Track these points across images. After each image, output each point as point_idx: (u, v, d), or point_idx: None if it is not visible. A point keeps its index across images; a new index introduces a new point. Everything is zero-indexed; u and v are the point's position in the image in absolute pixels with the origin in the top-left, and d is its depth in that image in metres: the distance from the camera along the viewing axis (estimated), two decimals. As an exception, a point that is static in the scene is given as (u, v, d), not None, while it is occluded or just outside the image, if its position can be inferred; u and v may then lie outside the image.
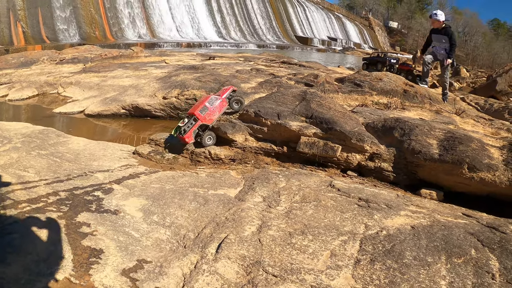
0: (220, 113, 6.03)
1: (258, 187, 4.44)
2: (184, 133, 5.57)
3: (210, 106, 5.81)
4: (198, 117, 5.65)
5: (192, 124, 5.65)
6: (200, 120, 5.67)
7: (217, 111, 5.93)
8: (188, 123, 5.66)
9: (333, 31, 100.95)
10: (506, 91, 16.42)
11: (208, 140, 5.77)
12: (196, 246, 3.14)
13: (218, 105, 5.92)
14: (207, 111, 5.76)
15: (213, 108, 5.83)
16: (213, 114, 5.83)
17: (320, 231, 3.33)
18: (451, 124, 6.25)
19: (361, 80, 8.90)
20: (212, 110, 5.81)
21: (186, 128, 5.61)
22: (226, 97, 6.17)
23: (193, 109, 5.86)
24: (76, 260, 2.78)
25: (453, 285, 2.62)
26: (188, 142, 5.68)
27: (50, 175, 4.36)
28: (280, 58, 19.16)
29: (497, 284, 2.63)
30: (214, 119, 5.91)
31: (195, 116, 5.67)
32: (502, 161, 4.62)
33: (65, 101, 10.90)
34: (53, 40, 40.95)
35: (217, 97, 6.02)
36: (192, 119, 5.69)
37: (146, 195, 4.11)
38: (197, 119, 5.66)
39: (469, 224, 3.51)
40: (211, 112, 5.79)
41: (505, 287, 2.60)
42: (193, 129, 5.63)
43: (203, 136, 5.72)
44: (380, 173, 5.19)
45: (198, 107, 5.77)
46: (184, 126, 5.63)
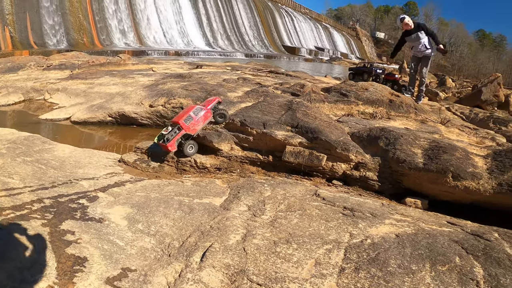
0: (204, 124, 5.99)
1: (243, 196, 4.45)
2: (167, 141, 5.53)
3: (195, 116, 5.78)
4: (182, 126, 5.62)
5: (175, 132, 5.61)
6: (184, 130, 5.63)
7: (201, 122, 5.90)
8: (172, 131, 5.62)
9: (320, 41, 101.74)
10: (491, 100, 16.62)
11: (189, 149, 5.72)
12: (180, 254, 3.13)
13: (202, 115, 5.89)
14: (192, 120, 5.73)
15: (197, 118, 5.80)
16: (197, 124, 5.81)
17: (304, 240, 3.33)
18: (436, 134, 6.31)
19: (347, 90, 8.98)
20: (197, 120, 5.79)
21: (169, 137, 5.57)
22: (211, 108, 6.14)
23: (178, 117, 5.82)
24: (60, 268, 2.75)
25: (437, 293, 2.64)
26: (170, 151, 5.64)
27: (35, 182, 4.32)
28: (267, 67, 19.24)
29: (481, 291, 2.65)
30: (198, 129, 5.88)
31: (179, 125, 5.63)
32: (486, 169, 4.66)
33: (52, 107, 10.85)
34: (41, 45, 40.75)
35: (202, 108, 5.99)
36: (176, 127, 5.65)
37: (131, 203, 4.09)
38: (181, 128, 5.62)
39: (453, 232, 3.54)
40: (195, 122, 5.76)
41: (489, 294, 2.62)
42: (177, 138, 5.59)
43: (185, 145, 5.68)
44: (365, 182, 5.22)
45: (182, 116, 5.74)
46: (167, 135, 5.60)
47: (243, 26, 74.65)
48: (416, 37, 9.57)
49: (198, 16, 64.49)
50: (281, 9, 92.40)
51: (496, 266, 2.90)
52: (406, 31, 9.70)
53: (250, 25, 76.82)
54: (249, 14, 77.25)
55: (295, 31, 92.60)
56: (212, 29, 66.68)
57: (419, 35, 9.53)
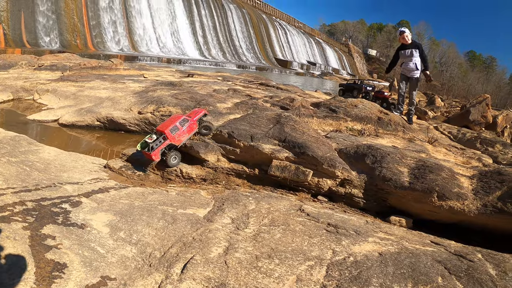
0: (189, 135, 5.97)
1: (227, 208, 4.43)
2: (151, 150, 5.47)
3: (181, 127, 5.75)
4: (167, 136, 5.58)
5: (160, 142, 5.57)
6: (169, 140, 5.59)
7: (187, 133, 5.88)
8: (157, 140, 5.57)
9: (312, 56, 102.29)
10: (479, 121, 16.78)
11: (173, 159, 5.68)
12: (161, 265, 3.10)
13: (188, 126, 5.87)
14: (178, 131, 5.70)
15: (183, 129, 5.78)
16: (183, 136, 5.79)
17: (287, 255, 3.32)
18: (423, 153, 6.34)
19: (337, 106, 9.00)
20: (182, 131, 5.76)
21: (154, 146, 5.51)
22: (196, 120, 6.12)
23: (163, 126, 5.76)
24: (39, 273, 2.71)
25: (418, 313, 2.63)
26: (154, 160, 5.58)
27: (19, 183, 4.27)
28: (258, 79, 19.30)
29: (462, 312, 2.65)
30: (183, 141, 5.84)
31: (165, 135, 5.59)
32: (471, 190, 4.70)
33: (40, 108, 10.79)
34: (33, 45, 40.51)
35: (188, 119, 5.96)
36: (162, 137, 5.61)
37: (115, 210, 4.06)
38: (166, 138, 5.59)
39: (436, 251, 3.55)
40: (181, 133, 5.74)
41: (469, 315, 2.62)
42: (161, 147, 5.55)
43: (169, 156, 5.63)
44: (351, 199, 5.23)
45: (168, 126, 5.70)
46: (152, 143, 5.53)
47: (236, 37, 74.90)
48: (410, 53, 9.40)
49: (193, 25, 64.60)
50: (275, 22, 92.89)
51: (478, 287, 2.90)
52: (402, 45, 9.54)
53: (244, 36, 77.10)
54: (243, 26, 77.55)
55: (288, 44, 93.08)
56: (205, 38, 66.81)
57: (413, 52, 9.36)
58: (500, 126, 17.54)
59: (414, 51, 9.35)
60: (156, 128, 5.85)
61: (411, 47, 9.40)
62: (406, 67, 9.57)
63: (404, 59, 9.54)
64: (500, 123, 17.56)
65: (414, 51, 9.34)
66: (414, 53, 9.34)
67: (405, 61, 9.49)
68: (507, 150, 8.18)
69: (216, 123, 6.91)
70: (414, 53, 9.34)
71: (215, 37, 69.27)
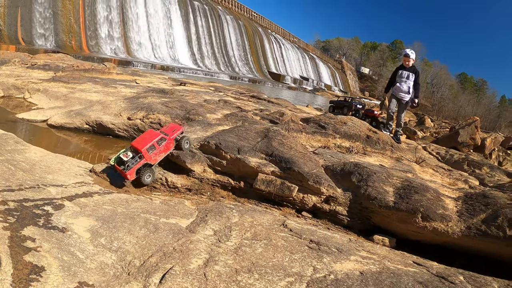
0: (165, 154, 5.88)
1: (210, 220, 4.41)
2: (127, 169, 5.31)
3: (158, 147, 5.66)
4: (144, 155, 5.46)
5: (136, 161, 5.42)
6: (146, 159, 5.48)
7: (164, 152, 5.81)
8: (133, 159, 5.42)
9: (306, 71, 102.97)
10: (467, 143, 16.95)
11: (147, 177, 5.53)
12: (140, 274, 3.08)
13: (165, 145, 5.79)
14: (155, 150, 5.60)
15: (160, 148, 5.69)
16: (159, 155, 5.71)
17: (267, 271, 3.31)
18: (410, 173, 6.37)
19: (326, 122, 9.03)
20: (159, 150, 5.68)
21: (130, 164, 5.36)
22: (173, 139, 6.04)
23: (139, 143, 5.59)
24: (16, 275, 2.68)
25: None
26: (128, 179, 5.41)
27: (2, 182, 4.23)
28: (250, 91, 19.36)
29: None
30: (159, 159, 5.76)
31: (142, 154, 5.46)
32: (456, 212, 4.72)
33: (30, 107, 10.75)
34: (28, 43, 40.41)
35: (165, 138, 5.84)
36: (138, 156, 5.46)
37: (97, 216, 4.03)
38: (143, 157, 5.46)
39: (418, 272, 3.55)
40: (157, 153, 5.66)
41: None
42: (137, 166, 5.40)
43: (144, 174, 5.47)
44: (335, 216, 5.23)
45: (145, 144, 5.55)
46: (128, 162, 5.38)
47: (231, 48, 75.23)
48: (407, 77, 9.52)
49: (189, 34, 64.82)
50: (270, 35, 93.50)
51: (458, 310, 2.91)
52: (402, 66, 9.65)
53: (239, 47, 77.49)
54: (238, 37, 77.96)
55: (282, 58, 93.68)
56: (200, 47, 67.03)
57: (410, 76, 9.50)
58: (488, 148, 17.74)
59: (411, 75, 9.49)
60: (132, 143, 5.68)
61: (410, 70, 9.52)
62: (399, 88, 9.66)
63: (399, 80, 9.60)
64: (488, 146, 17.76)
65: (411, 75, 9.48)
66: (410, 77, 9.47)
67: (400, 82, 9.58)
68: (494, 173, 8.24)
69: (204, 133, 6.91)
70: (410, 77, 9.47)
71: (210, 47, 69.54)
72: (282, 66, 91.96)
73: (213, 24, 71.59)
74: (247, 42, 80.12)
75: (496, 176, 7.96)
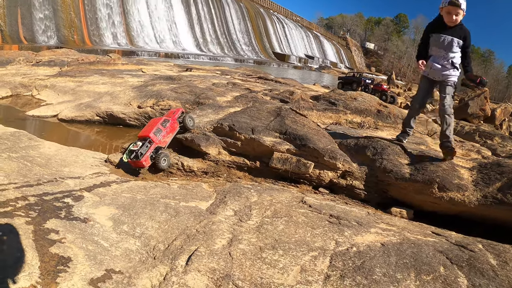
0: (173, 135, 5.89)
1: (229, 200, 4.43)
2: (141, 156, 5.29)
3: (164, 128, 5.66)
4: (152, 139, 5.46)
5: (147, 147, 5.41)
6: (155, 143, 5.48)
7: (171, 133, 5.82)
8: (144, 146, 5.40)
9: (310, 49, 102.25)
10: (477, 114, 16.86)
11: (163, 162, 5.46)
12: (166, 257, 3.11)
13: (170, 126, 5.80)
14: (161, 133, 5.61)
15: (166, 130, 5.70)
16: (167, 136, 5.72)
17: (290, 246, 3.33)
18: (422, 145, 6.35)
19: (336, 99, 9.01)
20: (166, 132, 5.69)
21: (142, 151, 5.32)
22: (176, 118, 6.05)
23: (145, 131, 5.61)
24: (43, 267, 2.70)
25: (421, 303, 2.65)
26: (145, 166, 5.38)
27: (20, 179, 4.25)
28: (256, 73, 19.29)
29: (464, 301, 2.67)
30: (168, 141, 5.77)
31: (150, 139, 5.46)
32: (471, 181, 4.71)
33: (39, 104, 10.78)
34: (30, 41, 40.40)
35: (168, 119, 5.88)
36: (147, 142, 5.46)
37: (117, 204, 4.05)
38: (152, 142, 5.46)
39: (438, 242, 3.56)
40: (165, 134, 5.66)
41: (472, 304, 2.64)
42: (150, 151, 5.39)
43: (159, 158, 5.43)
44: (352, 190, 5.24)
45: (151, 130, 5.57)
46: (140, 149, 5.34)
47: (234, 32, 74.83)
48: (449, 44, 5.23)
49: (190, 20, 64.50)
50: (272, 15, 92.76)
51: (480, 276, 2.92)
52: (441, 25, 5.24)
53: (241, 30, 77.05)
54: (240, 20, 77.47)
55: (285, 38, 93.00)
56: (203, 33, 66.74)
57: (453, 42, 5.20)
58: (498, 119, 17.64)
59: (454, 42, 5.21)
60: (138, 135, 5.68)
61: (454, 33, 5.20)
62: (435, 64, 5.42)
63: (436, 49, 5.40)
64: (498, 116, 17.66)
65: (456, 41, 5.21)
66: (454, 44, 5.22)
67: (436, 54, 5.41)
68: (506, 143, 8.21)
69: (216, 116, 6.91)
70: (454, 44, 5.22)
71: (213, 31, 69.21)
72: (287, 46, 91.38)
73: (214, 8, 71.13)
74: (250, 24, 79.61)
75: (508, 146, 7.94)
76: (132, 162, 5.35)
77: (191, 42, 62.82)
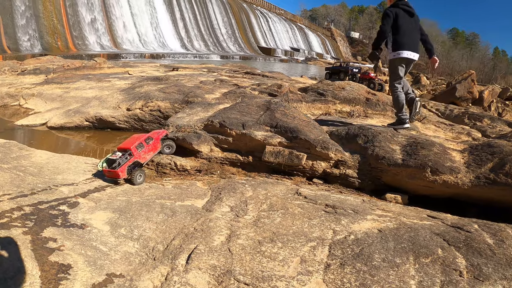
0: (154, 154, 5.72)
1: (225, 197, 4.44)
2: (118, 166, 5.04)
3: (146, 145, 5.50)
4: (133, 152, 5.25)
5: (127, 158, 5.19)
6: (135, 156, 5.27)
7: (152, 152, 5.64)
8: (123, 156, 5.17)
9: (295, 42, 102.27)
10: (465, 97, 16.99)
11: (139, 177, 5.17)
12: (165, 258, 3.11)
13: (152, 144, 5.63)
14: (143, 148, 5.44)
15: (149, 147, 5.54)
16: (148, 154, 5.55)
17: (289, 238, 3.35)
18: (413, 130, 6.39)
19: (324, 90, 9.04)
20: (148, 149, 5.53)
21: (121, 162, 5.09)
22: (159, 139, 5.84)
23: (126, 144, 5.40)
24: (44, 276, 2.70)
25: (423, 284, 2.68)
26: (120, 177, 5.05)
27: (14, 189, 4.24)
28: (243, 68, 19.27)
29: (465, 280, 2.70)
30: (148, 159, 5.59)
31: (131, 151, 5.26)
32: (463, 163, 4.76)
33: (27, 113, 10.70)
34: (14, 50, 40.03)
35: (152, 137, 5.69)
36: (128, 153, 5.24)
37: (113, 208, 4.05)
38: (132, 155, 5.25)
39: (434, 225, 3.60)
40: (146, 151, 5.49)
41: (472, 283, 2.67)
42: (128, 163, 5.15)
43: (135, 173, 5.14)
44: (346, 179, 5.27)
45: (133, 143, 5.37)
46: (118, 159, 5.11)
47: (218, 28, 74.65)
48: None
49: (174, 19, 64.26)
50: (256, 10, 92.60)
51: (478, 256, 2.96)
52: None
53: (225, 26, 76.89)
54: (224, 16, 77.30)
55: (270, 32, 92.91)
56: (187, 31, 66.50)
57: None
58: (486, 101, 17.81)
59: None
60: (118, 147, 5.47)
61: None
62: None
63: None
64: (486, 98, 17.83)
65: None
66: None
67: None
68: (495, 124, 8.25)
69: (206, 114, 6.90)
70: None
71: (197, 29, 69.00)
72: (272, 40, 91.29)
73: (197, 6, 70.90)
74: (234, 20, 79.45)
75: (498, 127, 7.97)
76: (107, 171, 5.10)
77: (175, 41, 62.60)
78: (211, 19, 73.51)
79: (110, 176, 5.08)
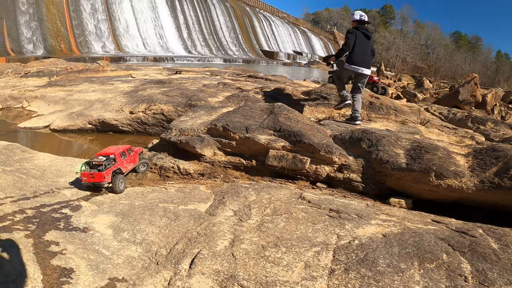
0: (133, 166, 5.58)
1: (228, 201, 4.43)
2: (104, 169, 4.80)
3: (129, 155, 5.41)
4: (117, 159, 5.12)
5: (112, 163, 5.02)
6: (118, 163, 5.11)
7: (132, 163, 5.53)
8: (108, 161, 4.99)
9: (298, 45, 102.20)
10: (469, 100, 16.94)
11: (120, 184, 4.94)
12: (168, 262, 3.10)
13: (133, 156, 5.55)
14: (126, 157, 5.34)
15: (130, 157, 5.46)
16: (129, 164, 5.44)
17: (293, 243, 3.33)
18: (416, 134, 6.37)
19: (328, 93, 9.00)
20: (130, 159, 5.44)
21: (106, 165, 4.88)
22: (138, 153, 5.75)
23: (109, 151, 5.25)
24: (46, 281, 2.69)
25: (428, 290, 2.66)
26: (103, 181, 4.77)
27: (16, 192, 4.24)
28: (246, 72, 19.25)
29: (470, 286, 2.69)
30: (128, 169, 5.45)
31: (115, 157, 5.11)
32: (468, 167, 4.73)
33: (30, 115, 10.71)
34: (18, 52, 40.01)
35: (132, 150, 5.60)
36: (112, 159, 5.08)
37: (115, 211, 4.04)
38: (116, 161, 5.10)
39: (439, 230, 3.58)
40: (128, 161, 5.39)
41: (478, 288, 2.66)
42: (113, 168, 4.95)
43: (117, 179, 4.91)
44: (349, 184, 5.24)
45: (116, 150, 5.23)
46: (104, 162, 4.91)
47: (221, 32, 74.68)
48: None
49: (177, 23, 64.30)
50: (259, 13, 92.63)
51: (482, 261, 2.94)
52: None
53: (229, 30, 76.91)
54: (227, 20, 77.34)
55: (273, 35, 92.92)
56: (190, 35, 66.53)
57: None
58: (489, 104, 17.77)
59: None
60: (98, 153, 5.23)
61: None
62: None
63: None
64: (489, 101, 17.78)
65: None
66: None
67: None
68: (499, 127, 8.23)
69: (209, 117, 6.89)
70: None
71: (200, 33, 69.01)
72: (275, 43, 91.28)
73: (200, 9, 70.94)
74: (237, 23, 79.48)
75: (501, 130, 7.96)
76: (88, 174, 4.75)
77: (179, 45, 62.63)
78: (214, 23, 73.55)
79: (91, 180, 4.76)
